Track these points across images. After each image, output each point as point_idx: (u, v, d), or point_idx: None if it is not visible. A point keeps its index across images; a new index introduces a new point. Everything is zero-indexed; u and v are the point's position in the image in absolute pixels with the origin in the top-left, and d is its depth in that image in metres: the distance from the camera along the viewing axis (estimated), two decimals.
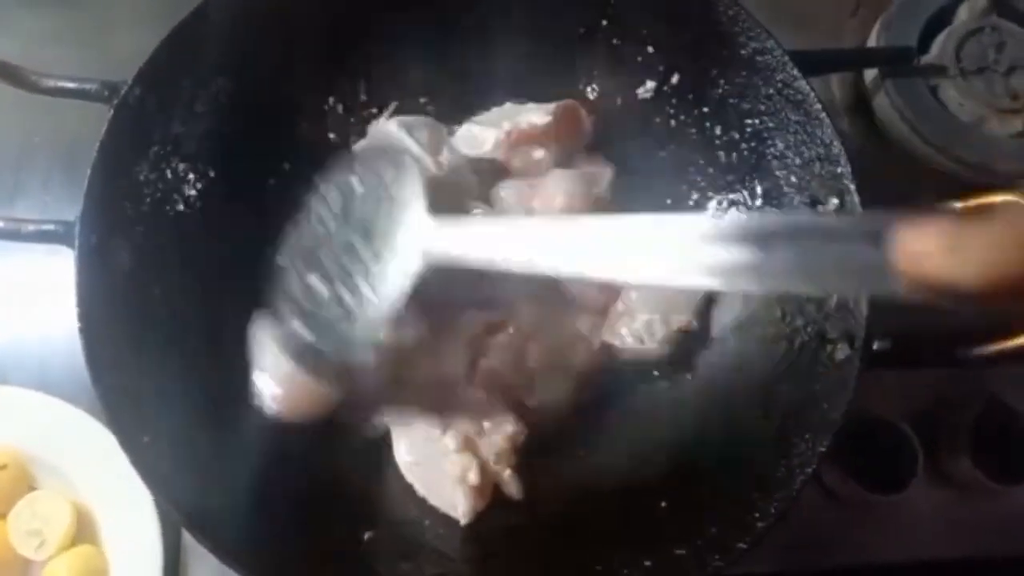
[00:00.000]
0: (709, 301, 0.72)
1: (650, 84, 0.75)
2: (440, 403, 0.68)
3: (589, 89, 0.78)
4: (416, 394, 0.69)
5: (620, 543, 0.63)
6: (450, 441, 0.66)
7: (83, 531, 0.76)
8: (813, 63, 0.68)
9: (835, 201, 0.64)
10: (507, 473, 0.67)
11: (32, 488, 0.77)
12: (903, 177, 0.85)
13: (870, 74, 0.87)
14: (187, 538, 0.76)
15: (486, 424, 0.67)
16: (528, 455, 0.67)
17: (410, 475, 0.68)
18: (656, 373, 0.73)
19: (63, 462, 0.77)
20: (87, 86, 0.65)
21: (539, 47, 0.75)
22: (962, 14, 0.86)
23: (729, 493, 0.61)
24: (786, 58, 0.66)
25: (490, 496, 0.67)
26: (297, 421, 0.66)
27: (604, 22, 0.74)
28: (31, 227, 0.63)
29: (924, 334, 0.60)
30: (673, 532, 0.61)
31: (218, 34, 0.68)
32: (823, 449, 0.59)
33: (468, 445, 0.66)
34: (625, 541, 0.63)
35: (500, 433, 0.67)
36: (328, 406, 0.66)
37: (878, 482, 0.74)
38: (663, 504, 0.64)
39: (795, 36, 0.69)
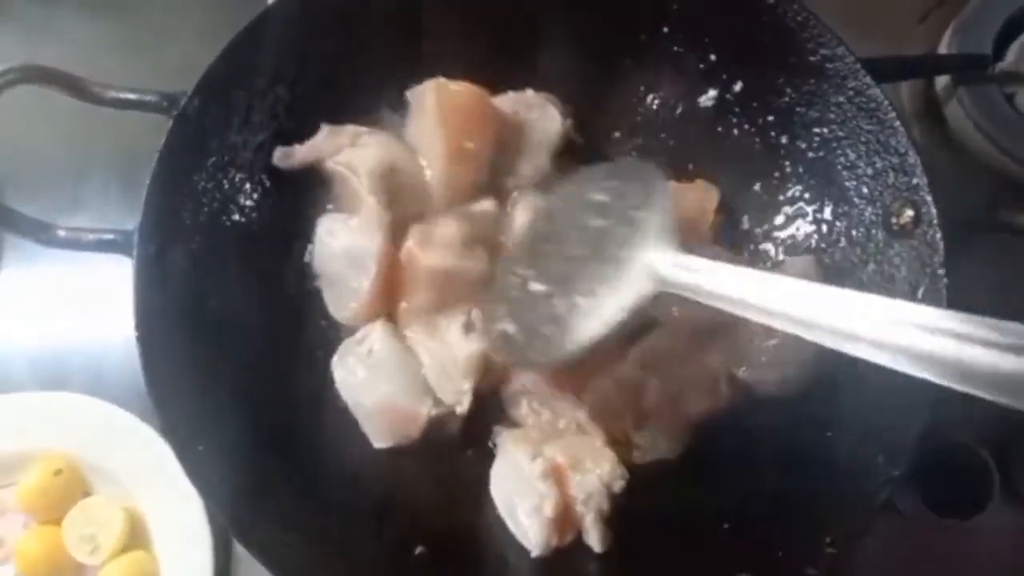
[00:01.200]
0: None
1: (712, 92, 0.73)
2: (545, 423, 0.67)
3: (650, 98, 0.76)
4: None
5: (681, 566, 0.61)
6: (537, 467, 0.63)
7: (135, 537, 0.76)
8: (885, 70, 0.66)
9: (910, 213, 0.61)
10: (590, 518, 0.62)
11: (86, 493, 0.78)
12: (976, 188, 0.82)
13: (941, 82, 0.84)
14: (238, 545, 0.76)
15: (586, 460, 0.63)
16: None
17: (495, 492, 0.67)
18: None
19: (117, 468, 0.77)
20: (147, 97, 0.65)
21: (600, 54, 0.74)
22: None
23: (797, 516, 0.59)
24: (858, 65, 0.64)
25: (570, 536, 0.63)
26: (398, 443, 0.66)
27: (666, 29, 0.72)
28: (91, 236, 0.63)
29: None
30: (736, 555, 0.59)
31: (275, 45, 0.68)
32: (898, 472, 0.56)
33: (556, 475, 0.63)
34: (685, 564, 0.61)
35: (598, 471, 0.63)
36: (424, 426, 0.66)
37: (953, 507, 0.70)
38: (725, 526, 0.61)
39: (860, 43, 0.66)
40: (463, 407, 0.66)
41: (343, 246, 0.68)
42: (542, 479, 0.61)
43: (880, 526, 0.68)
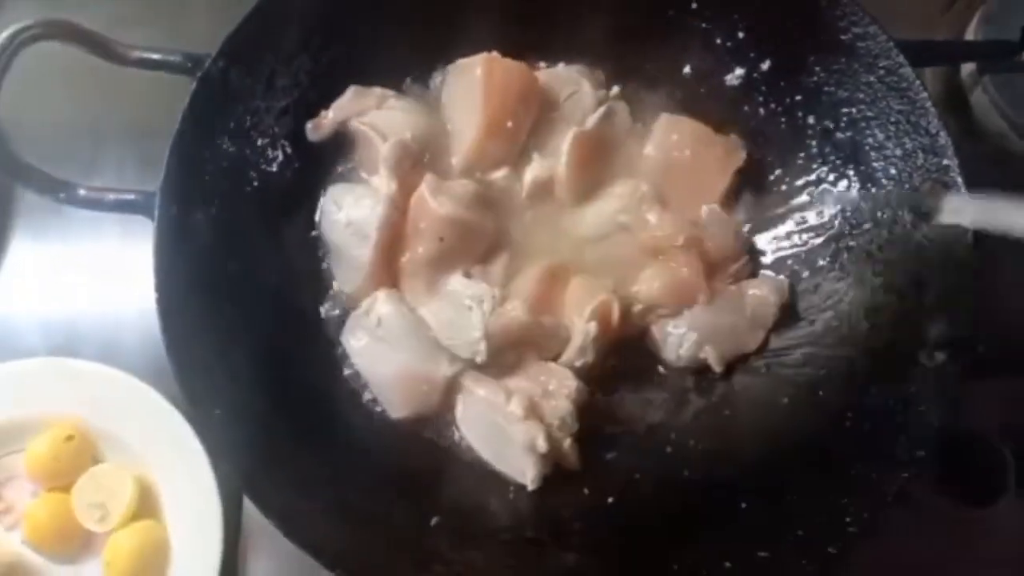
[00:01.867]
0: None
1: (739, 71, 0.73)
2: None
3: (686, 69, 0.75)
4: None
5: (699, 542, 0.61)
6: (516, 408, 0.64)
7: (145, 505, 0.76)
8: (915, 54, 0.65)
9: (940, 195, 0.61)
10: (567, 443, 0.65)
11: (96, 461, 0.77)
12: (1000, 174, 0.81)
13: (967, 68, 0.83)
14: (248, 513, 0.75)
15: (550, 386, 0.66)
16: (607, 447, 0.65)
17: (477, 443, 0.67)
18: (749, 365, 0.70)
19: (128, 436, 0.77)
20: (171, 58, 0.64)
21: (627, 29, 0.73)
22: None
23: (817, 495, 0.58)
24: (891, 44, 0.63)
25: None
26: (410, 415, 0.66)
27: (694, 5, 0.71)
28: (112, 196, 0.63)
29: None
30: (756, 533, 0.59)
31: (300, 11, 0.68)
32: (922, 454, 0.56)
33: (534, 411, 0.64)
34: (704, 540, 0.61)
35: (564, 392, 0.65)
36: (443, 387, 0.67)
37: (968, 497, 0.70)
38: (743, 504, 0.61)
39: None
40: (482, 355, 0.65)
41: (347, 217, 0.68)
42: (524, 417, 0.63)
43: (896, 515, 0.68)
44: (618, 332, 0.68)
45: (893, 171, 0.64)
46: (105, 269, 0.85)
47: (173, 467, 0.75)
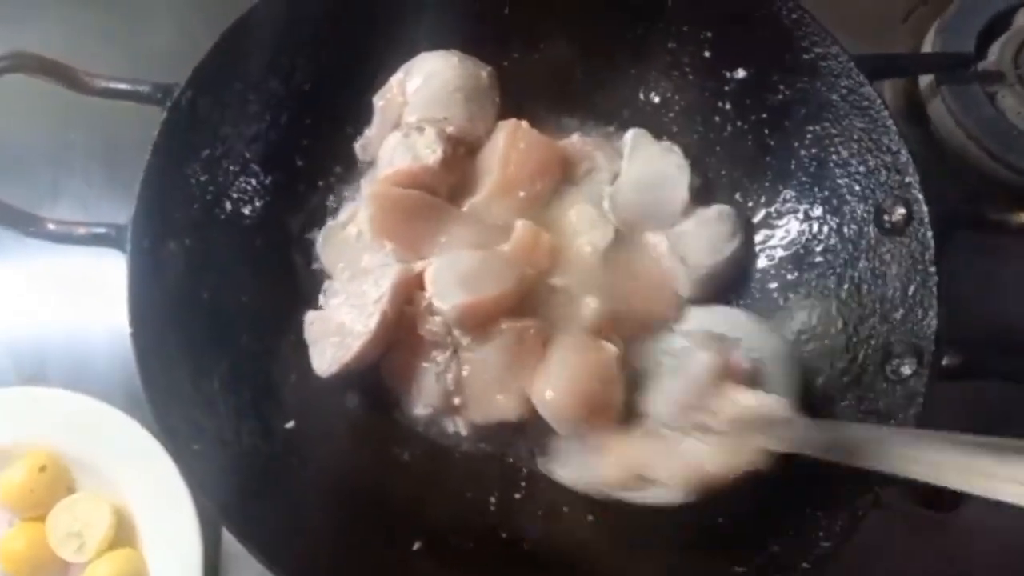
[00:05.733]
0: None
1: (705, 91, 0.73)
2: None
3: (644, 94, 0.76)
4: None
5: (676, 559, 0.61)
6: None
7: (122, 534, 0.75)
8: (874, 68, 0.67)
9: (902, 211, 0.63)
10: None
11: (71, 490, 0.77)
12: (958, 186, 0.83)
13: (925, 80, 0.85)
14: (227, 541, 0.75)
15: None
16: None
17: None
18: None
19: (102, 463, 0.76)
20: (139, 88, 0.64)
21: (595, 47, 0.74)
22: (1020, 19, 0.84)
23: (792, 512, 0.59)
24: (851, 64, 0.65)
25: None
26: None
27: (660, 25, 0.72)
28: (82, 230, 0.62)
29: (996, 348, 0.59)
30: (732, 549, 0.60)
31: (269, 38, 0.68)
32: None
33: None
34: (681, 557, 0.61)
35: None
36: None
37: (934, 498, 0.72)
38: (720, 520, 0.62)
39: (843, 41, 0.67)
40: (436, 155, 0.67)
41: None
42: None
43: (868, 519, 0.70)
44: None
45: (857, 188, 0.66)
46: (75, 295, 0.84)
47: (149, 494, 0.75)
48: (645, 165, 0.73)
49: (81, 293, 0.83)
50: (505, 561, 0.64)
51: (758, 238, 0.73)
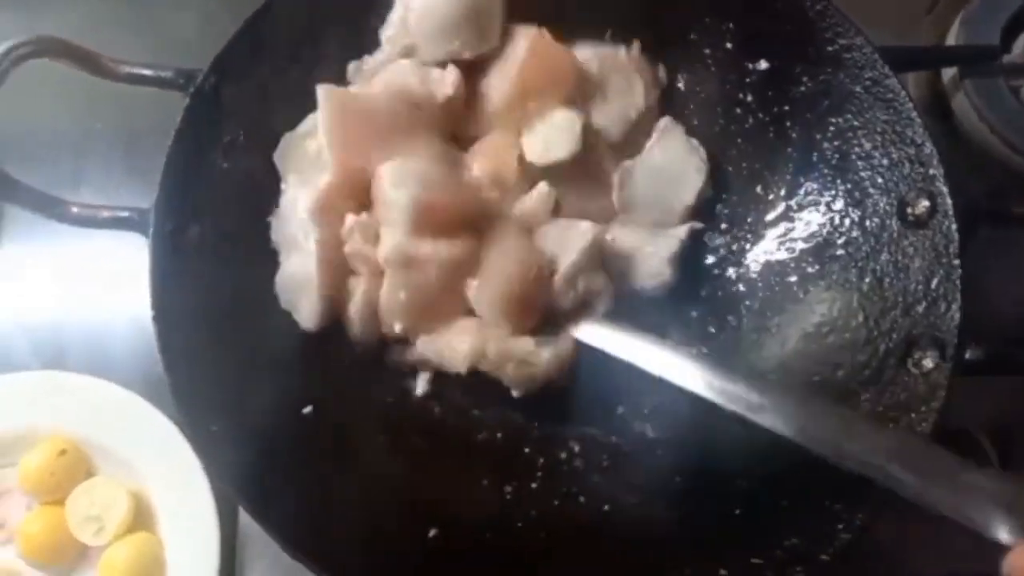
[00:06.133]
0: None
1: (728, 83, 0.73)
2: None
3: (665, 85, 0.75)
4: None
5: (693, 549, 0.61)
6: None
7: (140, 518, 0.76)
8: (897, 61, 0.66)
9: (926, 204, 0.62)
10: None
11: (90, 474, 0.77)
12: (982, 180, 0.83)
13: (948, 73, 0.84)
14: (244, 525, 0.76)
15: None
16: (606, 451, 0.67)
17: None
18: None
19: (121, 449, 0.77)
20: (163, 74, 0.64)
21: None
22: None
23: (810, 502, 0.59)
24: (876, 55, 0.64)
25: None
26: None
27: (681, 15, 0.72)
28: (105, 214, 0.63)
29: (1020, 342, 0.58)
30: (749, 540, 0.60)
31: (292, 24, 0.68)
32: None
33: None
34: (698, 548, 0.61)
35: None
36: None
37: None
38: (737, 511, 0.62)
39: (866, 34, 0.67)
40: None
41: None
42: None
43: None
44: None
45: (880, 180, 0.65)
46: (96, 280, 0.85)
47: (167, 478, 0.75)
48: (666, 156, 0.72)
49: (102, 279, 0.84)
50: (519, 550, 0.64)
51: (778, 231, 0.72)
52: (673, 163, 0.72)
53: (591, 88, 0.70)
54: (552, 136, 0.68)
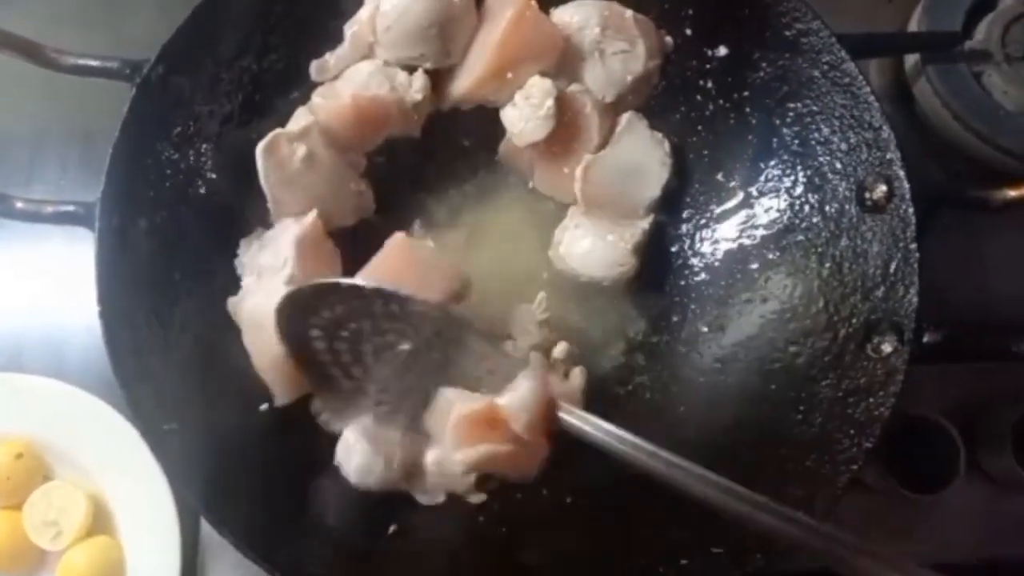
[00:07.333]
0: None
1: (687, 69, 0.72)
2: None
3: None
4: None
5: (656, 539, 0.61)
6: None
7: (99, 522, 0.75)
8: (855, 47, 0.66)
9: (883, 188, 0.62)
10: None
11: (47, 478, 0.76)
12: (944, 166, 0.83)
13: (910, 60, 0.84)
14: (205, 529, 0.75)
15: None
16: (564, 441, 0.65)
17: None
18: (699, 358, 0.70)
19: (79, 451, 0.75)
20: (108, 64, 0.63)
21: None
22: None
23: (769, 490, 0.58)
24: (833, 39, 0.64)
25: None
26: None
27: (640, 2, 0.71)
28: (50, 208, 0.62)
29: (977, 326, 0.58)
30: (710, 530, 0.59)
31: (242, 13, 0.67)
32: (869, 445, 0.57)
33: None
34: (661, 538, 0.61)
35: None
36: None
37: (919, 480, 0.71)
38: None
39: (829, 21, 0.66)
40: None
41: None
42: None
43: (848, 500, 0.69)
44: None
45: (839, 165, 0.65)
46: (51, 280, 0.83)
47: (126, 481, 0.74)
48: (630, 150, 0.72)
49: (58, 280, 0.83)
50: (481, 551, 0.64)
51: (739, 218, 0.72)
52: (637, 157, 0.72)
53: (588, 48, 0.69)
54: (528, 113, 0.68)
